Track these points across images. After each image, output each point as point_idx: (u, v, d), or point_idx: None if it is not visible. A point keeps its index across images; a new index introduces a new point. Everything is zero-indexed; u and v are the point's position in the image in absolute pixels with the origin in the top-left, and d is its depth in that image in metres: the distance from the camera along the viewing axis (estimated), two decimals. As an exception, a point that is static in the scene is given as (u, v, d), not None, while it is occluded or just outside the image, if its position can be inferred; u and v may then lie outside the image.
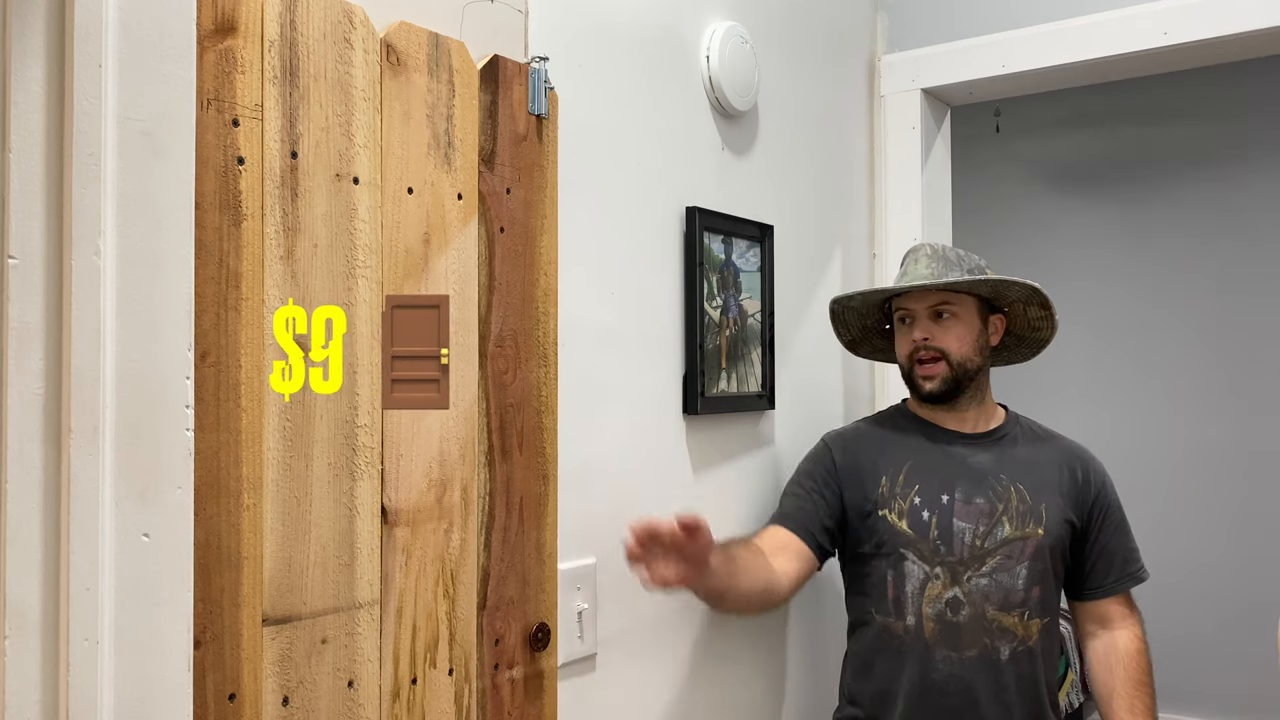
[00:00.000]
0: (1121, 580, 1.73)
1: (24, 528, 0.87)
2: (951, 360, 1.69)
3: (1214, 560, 3.38)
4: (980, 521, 1.66)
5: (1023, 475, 1.70)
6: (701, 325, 1.69)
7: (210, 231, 1.02)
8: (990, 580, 1.64)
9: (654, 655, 1.63)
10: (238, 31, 1.04)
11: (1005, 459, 1.71)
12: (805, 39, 2.04)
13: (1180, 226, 3.50)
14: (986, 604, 1.63)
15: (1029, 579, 1.64)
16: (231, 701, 1.03)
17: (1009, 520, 1.66)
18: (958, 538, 1.65)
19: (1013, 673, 1.63)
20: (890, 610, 1.67)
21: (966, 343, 1.69)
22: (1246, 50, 1.98)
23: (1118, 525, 1.73)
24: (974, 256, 1.75)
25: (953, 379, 1.69)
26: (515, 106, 1.35)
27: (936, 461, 1.72)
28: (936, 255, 1.72)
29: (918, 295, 1.71)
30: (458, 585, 1.27)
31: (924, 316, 1.71)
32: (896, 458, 1.73)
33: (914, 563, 1.66)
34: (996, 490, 1.68)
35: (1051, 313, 1.71)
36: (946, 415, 1.76)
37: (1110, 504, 1.73)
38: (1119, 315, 3.58)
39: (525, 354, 1.36)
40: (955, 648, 1.63)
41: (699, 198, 1.72)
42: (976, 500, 1.67)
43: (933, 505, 1.67)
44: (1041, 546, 1.65)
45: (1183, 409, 3.48)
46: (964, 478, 1.69)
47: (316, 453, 1.11)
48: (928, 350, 1.69)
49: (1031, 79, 2.14)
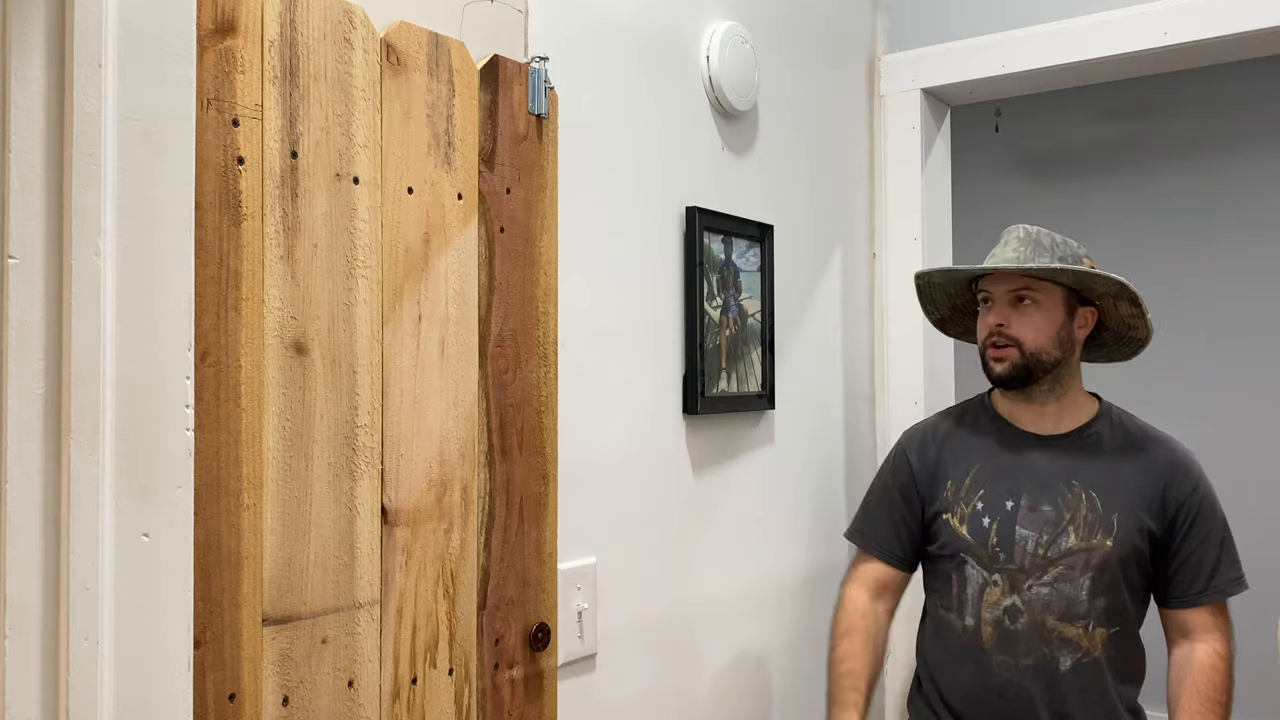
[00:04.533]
0: (1205, 593, 1.62)
1: (24, 528, 0.87)
2: (1025, 349, 1.60)
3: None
4: (1045, 530, 1.60)
5: (1099, 481, 1.61)
6: (701, 325, 1.69)
7: (210, 231, 1.02)
8: (1052, 590, 1.59)
9: (654, 655, 1.63)
10: (238, 31, 1.04)
11: (1083, 463, 1.63)
12: (805, 39, 2.04)
13: (1182, 226, 3.50)
14: (1047, 613, 1.59)
15: (1093, 590, 1.58)
16: (231, 701, 1.03)
17: (1075, 530, 1.59)
18: (1019, 545, 1.61)
19: (1074, 683, 1.58)
20: (954, 607, 1.66)
21: (1045, 333, 1.60)
22: (1246, 50, 1.97)
23: (1207, 536, 1.62)
24: (1072, 244, 1.64)
25: (1024, 366, 1.61)
26: (515, 106, 1.35)
27: (1007, 465, 1.66)
28: (1028, 239, 1.63)
29: (1000, 278, 1.63)
30: (458, 585, 1.27)
31: (1003, 302, 1.63)
32: (966, 459, 1.69)
33: (974, 568, 1.64)
34: (1066, 498, 1.61)
35: (1143, 310, 1.59)
36: (1024, 411, 1.68)
37: (1199, 512, 1.62)
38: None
39: (525, 354, 1.36)
40: (1013, 655, 1.60)
41: (699, 198, 1.72)
42: (1043, 508, 1.61)
43: (995, 511, 1.63)
44: (1109, 558, 1.58)
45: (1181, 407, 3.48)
46: (1033, 483, 1.63)
47: (316, 453, 1.11)
48: (1002, 337, 1.62)
49: (1031, 79, 2.14)
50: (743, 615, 1.84)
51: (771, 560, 1.91)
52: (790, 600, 1.95)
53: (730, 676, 1.81)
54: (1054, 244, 1.63)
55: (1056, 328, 1.61)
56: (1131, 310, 1.62)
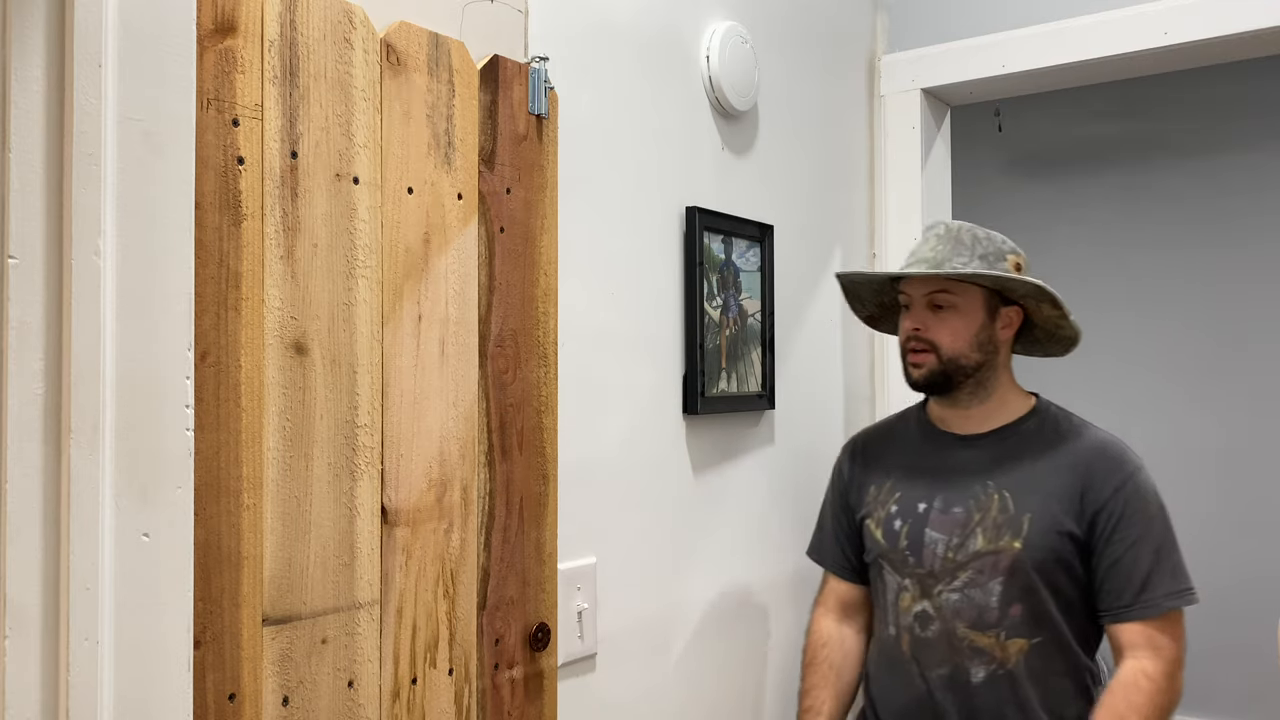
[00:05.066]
0: (1134, 607, 1.46)
1: (24, 528, 0.87)
2: (942, 354, 1.54)
3: (1213, 558, 3.38)
4: (954, 532, 1.52)
5: (1014, 481, 1.52)
6: (701, 325, 1.69)
7: (210, 231, 1.02)
8: (962, 595, 1.50)
9: (654, 655, 1.63)
10: (238, 31, 1.04)
11: (1002, 462, 1.54)
12: (805, 39, 2.04)
13: (1181, 226, 3.50)
14: (958, 621, 1.50)
15: (1005, 596, 1.48)
16: (231, 701, 1.03)
17: (982, 531, 1.50)
18: (928, 548, 1.54)
19: (988, 697, 1.50)
20: (881, 617, 1.63)
21: (962, 338, 1.53)
22: (1246, 50, 1.98)
23: (1136, 541, 1.46)
24: (997, 239, 1.56)
25: (942, 372, 1.54)
26: (515, 106, 1.35)
27: (926, 467, 1.60)
28: (948, 236, 1.55)
29: (916, 280, 1.56)
30: (458, 585, 1.27)
31: (920, 305, 1.56)
32: (889, 463, 1.65)
33: (890, 573, 1.59)
34: (979, 499, 1.53)
35: (1065, 312, 1.53)
36: (950, 413, 1.61)
37: (1124, 514, 1.47)
38: (1119, 314, 3.58)
39: (525, 354, 1.36)
40: (927, 664, 1.53)
41: (699, 198, 1.72)
42: (955, 509, 1.54)
43: (908, 514, 1.57)
44: (1020, 561, 1.47)
45: (1181, 407, 3.48)
46: (948, 485, 1.56)
47: (316, 453, 1.11)
48: (919, 341, 1.55)
49: (1031, 79, 2.14)
50: (743, 615, 1.84)
51: (772, 560, 1.91)
52: (790, 600, 1.95)
53: (730, 677, 1.81)
54: (974, 240, 1.54)
55: (975, 330, 1.54)
56: (1053, 312, 1.54)
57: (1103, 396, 3.59)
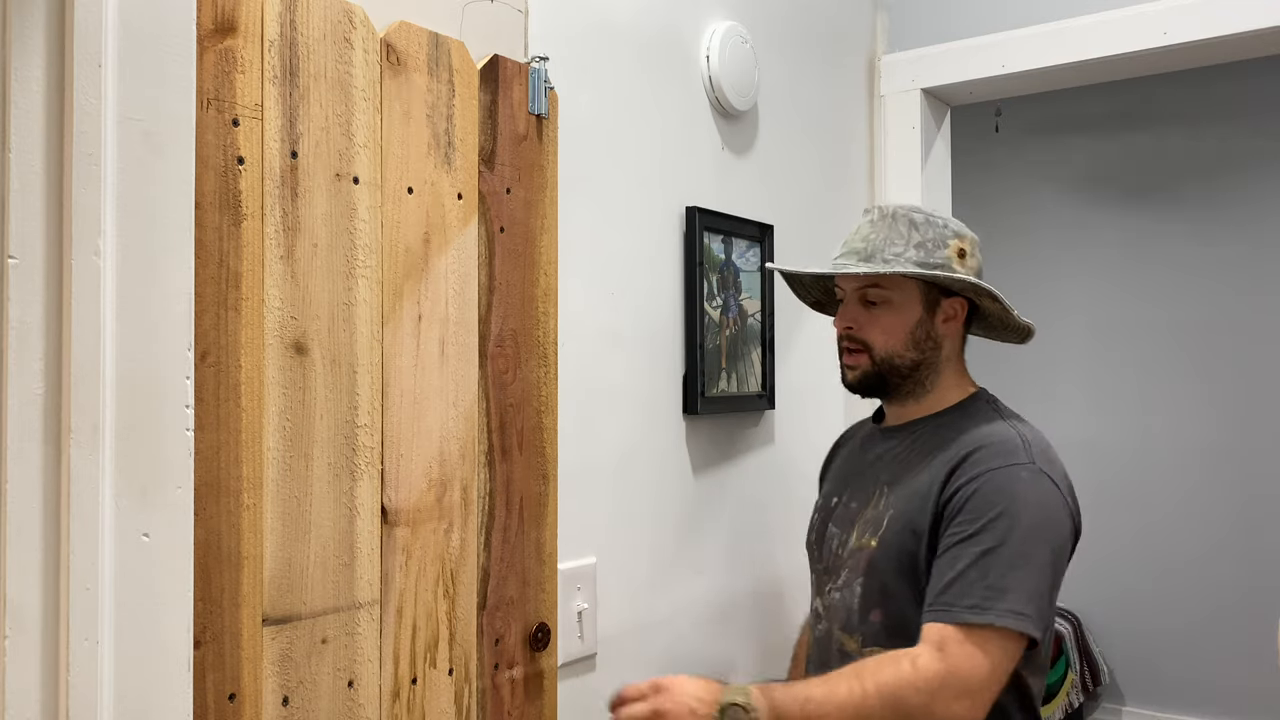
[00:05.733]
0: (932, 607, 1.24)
1: (24, 528, 0.87)
2: (875, 354, 1.39)
3: (1214, 559, 3.38)
4: (846, 528, 1.41)
5: (896, 474, 1.39)
6: (701, 325, 1.69)
7: (210, 231, 1.02)
8: (840, 595, 1.39)
9: (654, 655, 1.63)
10: (238, 31, 1.04)
11: (900, 454, 1.41)
12: (805, 39, 2.04)
13: (1180, 225, 3.50)
14: (833, 621, 1.39)
15: (865, 599, 1.35)
16: (231, 701, 1.03)
17: (859, 528, 1.39)
18: (827, 543, 1.44)
19: None
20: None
21: (896, 336, 1.38)
22: (1246, 50, 1.98)
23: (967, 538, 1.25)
24: (939, 222, 1.40)
25: (875, 374, 1.40)
26: (515, 106, 1.35)
27: (855, 461, 1.50)
28: (883, 221, 1.39)
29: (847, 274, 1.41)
30: (458, 585, 1.27)
31: (853, 300, 1.41)
32: (839, 457, 1.58)
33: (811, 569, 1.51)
34: (869, 493, 1.41)
35: (1007, 307, 1.38)
36: (891, 408, 1.48)
37: (966, 507, 1.27)
38: (1118, 314, 3.58)
39: (525, 354, 1.36)
40: (819, 664, 1.41)
41: (699, 198, 1.72)
42: (853, 504, 1.43)
43: (823, 508, 1.50)
44: (874, 561, 1.34)
45: (1181, 407, 3.48)
46: (859, 477, 1.45)
47: (316, 453, 1.11)
48: (851, 341, 1.41)
49: (1031, 79, 2.14)
50: (743, 615, 1.84)
51: (772, 560, 1.91)
52: (790, 600, 1.95)
53: (730, 677, 1.81)
54: (912, 226, 1.38)
55: (910, 327, 1.39)
56: (993, 306, 1.40)
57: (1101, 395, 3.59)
